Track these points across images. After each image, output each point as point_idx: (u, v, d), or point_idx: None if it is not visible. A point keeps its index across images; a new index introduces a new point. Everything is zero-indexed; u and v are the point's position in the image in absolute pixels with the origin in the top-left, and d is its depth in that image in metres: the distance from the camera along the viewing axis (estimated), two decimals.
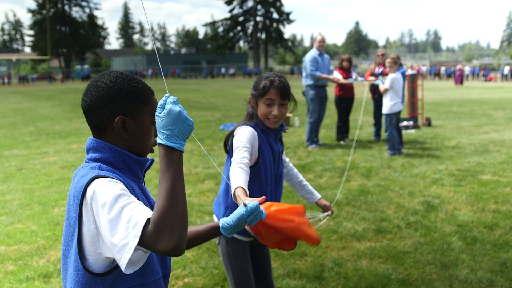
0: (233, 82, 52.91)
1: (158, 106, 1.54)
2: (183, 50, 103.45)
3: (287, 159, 3.22)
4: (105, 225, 1.47)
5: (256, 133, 2.77)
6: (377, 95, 10.84)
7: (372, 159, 9.04)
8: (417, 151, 9.73)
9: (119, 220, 1.45)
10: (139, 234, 1.41)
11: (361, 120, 14.42)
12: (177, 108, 1.52)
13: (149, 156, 1.87)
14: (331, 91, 11.32)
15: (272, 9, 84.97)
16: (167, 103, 1.54)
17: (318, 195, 3.19)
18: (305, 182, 3.21)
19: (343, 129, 11.15)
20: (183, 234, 1.44)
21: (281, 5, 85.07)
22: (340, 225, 5.46)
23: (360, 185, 7.20)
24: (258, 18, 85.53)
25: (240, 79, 64.31)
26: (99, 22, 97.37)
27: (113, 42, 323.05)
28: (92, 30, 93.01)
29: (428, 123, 13.63)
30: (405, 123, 12.87)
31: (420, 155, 9.29)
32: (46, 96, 32.36)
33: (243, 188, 2.36)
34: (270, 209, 1.91)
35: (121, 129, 1.69)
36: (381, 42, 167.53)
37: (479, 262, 4.46)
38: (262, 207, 1.83)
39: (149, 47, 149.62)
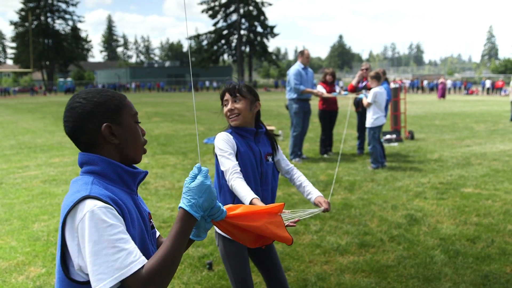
0: (217, 96, 52.34)
1: (190, 174, 1.68)
2: (167, 63, 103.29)
3: (289, 165, 3.28)
4: (89, 254, 1.51)
5: (230, 136, 2.99)
6: (360, 108, 10.90)
7: (355, 172, 9.06)
8: (400, 164, 9.78)
9: (102, 254, 1.50)
10: (121, 279, 1.50)
11: (345, 134, 14.48)
12: (208, 182, 1.66)
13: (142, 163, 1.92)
14: (315, 105, 11.36)
15: (256, 23, 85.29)
16: (200, 174, 1.68)
17: (315, 195, 3.06)
18: (304, 184, 3.16)
19: (326, 143, 11.18)
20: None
21: (265, 18, 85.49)
22: (323, 239, 5.45)
23: (343, 198, 7.21)
24: (242, 32, 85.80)
25: None
26: (83, 34, 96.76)
27: (97, 54, 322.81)
28: (75, 42, 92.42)
29: (411, 136, 13.73)
30: (388, 136, 12.96)
31: (403, 169, 9.34)
32: (28, 109, 32.07)
33: (258, 198, 2.65)
34: (235, 210, 1.91)
35: (110, 135, 1.73)
36: (365, 56, 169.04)
37: (461, 275, 4.47)
38: (225, 209, 1.86)
39: (132, 60, 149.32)
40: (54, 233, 5.79)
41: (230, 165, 2.84)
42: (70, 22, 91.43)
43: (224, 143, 2.93)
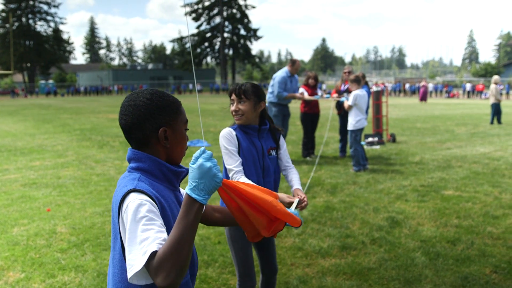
0: (200, 98, 52.82)
1: (193, 157, 1.68)
2: (150, 66, 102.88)
3: (289, 165, 3.40)
4: (126, 241, 1.64)
5: (233, 132, 3.22)
6: (342, 111, 10.96)
7: (337, 175, 9.10)
8: (381, 167, 9.85)
9: (135, 242, 1.60)
10: (144, 262, 1.56)
11: (327, 136, 14.54)
12: (208, 164, 1.65)
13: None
14: (297, 108, 11.39)
15: (239, 26, 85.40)
16: (200, 157, 1.67)
17: (294, 187, 3.22)
18: (293, 180, 3.31)
19: (308, 146, 11.21)
20: (179, 277, 1.57)
21: (249, 21, 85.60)
22: (305, 242, 5.46)
23: (325, 201, 7.23)
24: (226, 34, 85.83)
25: (208, 95, 64.27)
26: (65, 36, 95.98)
27: (79, 57, 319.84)
28: (57, 44, 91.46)
29: (393, 139, 13.83)
30: (370, 139, 13.03)
31: (385, 171, 9.40)
32: (8, 111, 31.67)
33: None
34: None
35: (164, 139, 1.86)
36: (347, 59, 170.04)
37: (442, 277, 4.51)
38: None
39: (115, 62, 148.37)
40: (33, 238, 5.72)
41: (232, 164, 3.12)
42: (52, 24, 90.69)
43: (226, 140, 3.19)
